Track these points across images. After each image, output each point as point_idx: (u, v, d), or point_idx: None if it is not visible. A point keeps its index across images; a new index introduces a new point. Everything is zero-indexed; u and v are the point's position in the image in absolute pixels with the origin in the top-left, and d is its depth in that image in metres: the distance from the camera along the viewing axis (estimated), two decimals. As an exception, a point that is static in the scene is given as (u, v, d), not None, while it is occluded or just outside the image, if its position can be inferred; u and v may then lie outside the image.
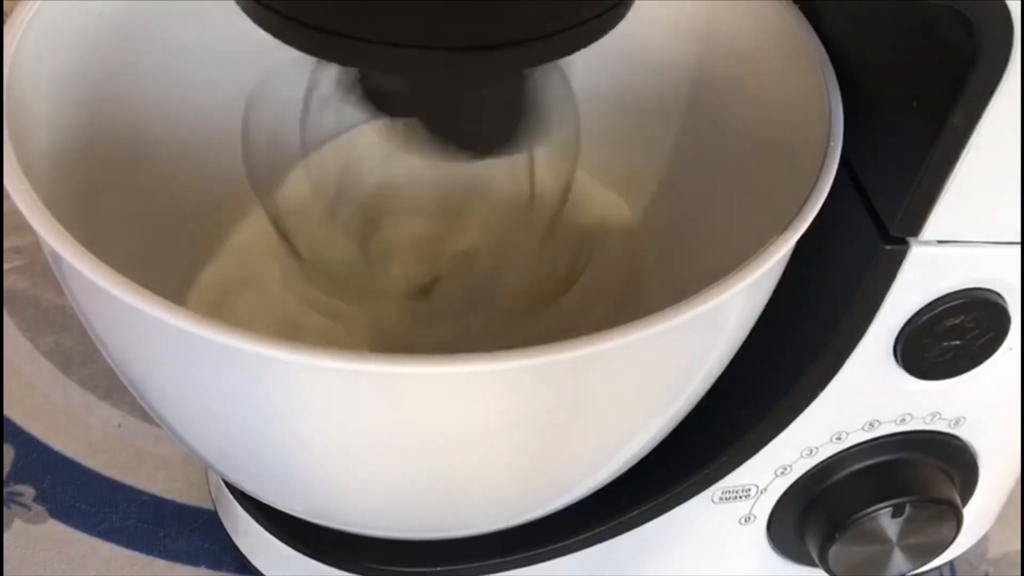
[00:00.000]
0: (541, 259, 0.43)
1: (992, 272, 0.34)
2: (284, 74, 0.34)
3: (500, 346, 0.26)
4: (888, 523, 0.39)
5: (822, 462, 0.40)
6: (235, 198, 0.44)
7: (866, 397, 0.37)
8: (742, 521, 0.42)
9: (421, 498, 0.32)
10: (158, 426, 0.35)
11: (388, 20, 0.24)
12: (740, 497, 0.41)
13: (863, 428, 0.39)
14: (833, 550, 0.40)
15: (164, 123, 0.40)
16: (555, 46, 0.25)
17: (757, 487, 0.40)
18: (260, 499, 0.37)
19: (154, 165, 0.40)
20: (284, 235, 0.40)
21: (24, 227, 0.28)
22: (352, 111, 0.34)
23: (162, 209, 0.40)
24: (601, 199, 0.46)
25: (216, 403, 0.29)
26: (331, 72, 0.33)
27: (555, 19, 0.25)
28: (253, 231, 0.45)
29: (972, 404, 0.38)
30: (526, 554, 0.41)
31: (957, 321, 0.34)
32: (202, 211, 0.43)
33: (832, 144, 0.32)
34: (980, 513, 0.44)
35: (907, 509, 0.39)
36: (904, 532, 0.40)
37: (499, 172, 0.42)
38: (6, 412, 0.50)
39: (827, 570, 0.41)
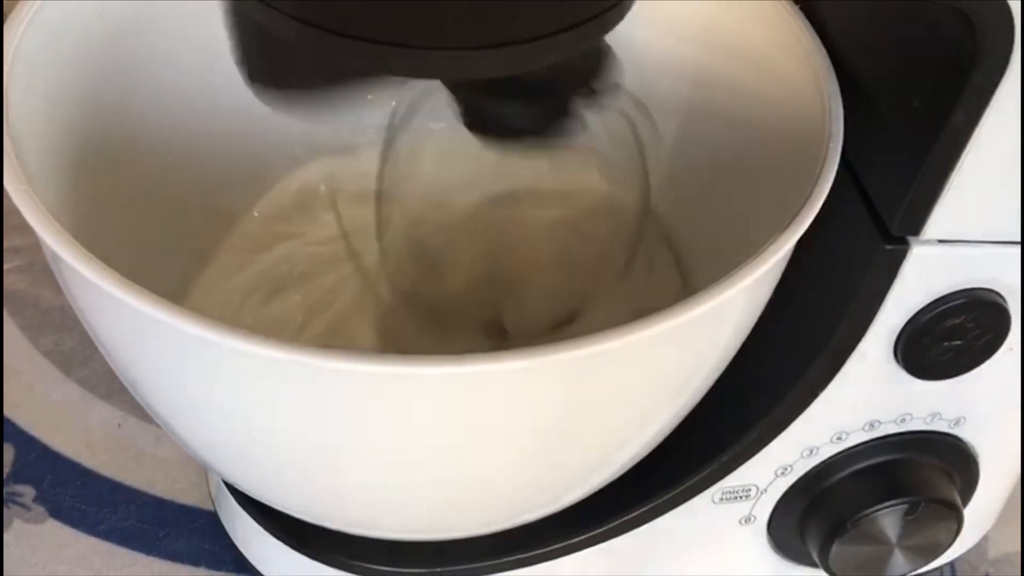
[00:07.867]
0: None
1: (992, 272, 0.34)
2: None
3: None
4: (888, 523, 0.39)
5: (822, 462, 0.40)
6: (234, 199, 0.44)
7: (866, 397, 0.37)
8: (742, 521, 0.42)
9: (421, 499, 0.32)
10: (158, 426, 0.35)
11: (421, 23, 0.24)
12: (740, 497, 0.41)
13: (863, 428, 0.39)
14: (833, 550, 0.40)
15: (164, 123, 0.40)
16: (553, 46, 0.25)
17: (757, 487, 0.40)
18: (259, 499, 0.37)
19: (154, 165, 0.40)
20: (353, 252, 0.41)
21: (24, 227, 0.27)
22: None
23: (161, 209, 0.40)
24: (600, 199, 0.46)
25: (215, 403, 0.29)
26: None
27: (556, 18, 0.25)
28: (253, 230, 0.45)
29: (972, 404, 0.38)
30: (526, 555, 0.41)
31: (957, 321, 0.34)
32: (202, 211, 0.43)
33: (832, 144, 0.32)
34: (980, 513, 0.44)
35: (907, 509, 0.39)
36: (904, 532, 0.40)
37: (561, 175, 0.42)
38: (6, 412, 0.50)
39: (827, 570, 0.41)
